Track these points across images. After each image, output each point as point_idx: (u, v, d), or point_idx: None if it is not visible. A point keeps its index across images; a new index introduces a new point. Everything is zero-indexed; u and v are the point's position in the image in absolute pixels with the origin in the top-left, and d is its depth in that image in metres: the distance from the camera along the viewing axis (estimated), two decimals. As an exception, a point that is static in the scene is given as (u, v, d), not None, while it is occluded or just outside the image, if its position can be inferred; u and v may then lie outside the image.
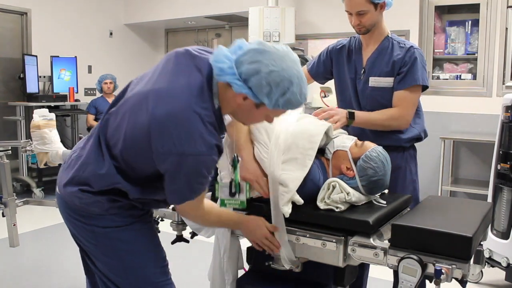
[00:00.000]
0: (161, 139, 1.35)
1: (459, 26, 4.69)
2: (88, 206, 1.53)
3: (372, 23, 2.19)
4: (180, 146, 1.34)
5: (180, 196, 1.47)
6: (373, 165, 1.76)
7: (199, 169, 1.41)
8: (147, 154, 1.40)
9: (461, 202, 2.04)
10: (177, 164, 1.38)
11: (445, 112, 4.68)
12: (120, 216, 1.56)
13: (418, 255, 1.47)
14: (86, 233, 1.57)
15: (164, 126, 1.35)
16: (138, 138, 1.40)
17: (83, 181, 1.51)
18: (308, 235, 1.70)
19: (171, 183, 1.44)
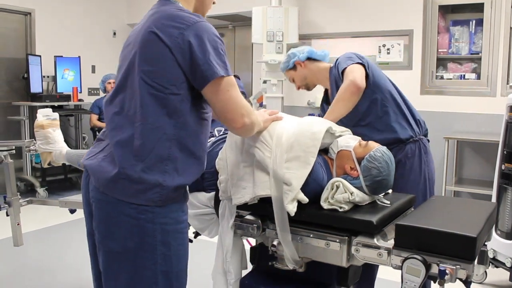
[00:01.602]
0: (170, 27, 1.40)
1: (463, 26, 4.68)
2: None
3: (302, 79, 2.46)
4: (185, 21, 1.40)
5: (217, 67, 1.41)
6: (377, 165, 1.75)
7: (210, 33, 1.42)
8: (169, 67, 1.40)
9: (465, 202, 2.03)
10: (192, 36, 1.39)
11: (449, 112, 4.67)
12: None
13: (422, 255, 1.46)
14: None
15: (163, 18, 1.43)
16: (153, 50, 1.41)
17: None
18: (312, 235, 1.70)
19: (199, 58, 1.39)
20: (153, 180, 1.42)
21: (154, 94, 1.41)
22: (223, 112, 1.47)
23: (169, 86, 1.41)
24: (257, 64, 5.66)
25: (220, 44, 1.44)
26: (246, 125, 1.50)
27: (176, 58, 1.40)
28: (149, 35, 1.43)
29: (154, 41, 1.41)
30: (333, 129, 1.90)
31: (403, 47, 4.92)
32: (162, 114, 1.42)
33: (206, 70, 1.40)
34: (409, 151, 2.32)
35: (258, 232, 1.82)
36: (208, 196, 1.98)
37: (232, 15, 6.19)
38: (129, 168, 1.42)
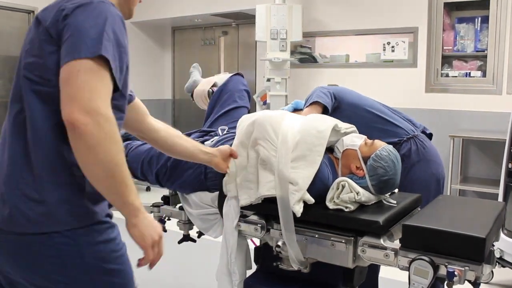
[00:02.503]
0: (49, 11, 1.15)
1: (469, 23, 4.63)
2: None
3: None
4: (72, 3, 1.12)
5: (87, 45, 1.08)
6: (384, 164, 1.73)
7: (98, 14, 1.11)
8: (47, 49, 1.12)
9: (473, 202, 2.01)
10: (74, 13, 1.11)
11: (454, 110, 4.62)
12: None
13: (430, 256, 1.44)
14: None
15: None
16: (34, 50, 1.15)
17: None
18: (317, 236, 1.68)
19: (73, 35, 1.09)
20: (57, 196, 1.12)
21: (37, 90, 1.14)
22: (63, 95, 1.09)
23: (51, 77, 1.12)
24: (260, 62, 5.63)
25: (116, 25, 1.14)
26: (78, 124, 1.06)
27: (53, 38, 1.12)
28: (33, 21, 1.20)
29: (34, 25, 1.18)
30: (338, 126, 1.87)
31: (407, 45, 4.88)
32: (50, 113, 1.13)
33: (76, 44, 1.09)
34: (405, 149, 2.28)
35: (263, 232, 1.80)
36: (211, 196, 1.96)
37: (235, 13, 6.16)
38: (25, 188, 1.12)
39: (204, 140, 2.10)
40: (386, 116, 2.34)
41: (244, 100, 2.38)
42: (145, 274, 1.38)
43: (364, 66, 5.13)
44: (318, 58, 5.49)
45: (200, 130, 2.24)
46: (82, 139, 1.04)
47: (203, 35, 7.18)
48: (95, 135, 1.04)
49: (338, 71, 5.29)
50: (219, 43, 7.05)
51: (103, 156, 1.06)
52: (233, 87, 2.39)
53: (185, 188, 2.03)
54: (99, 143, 1.05)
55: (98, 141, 1.05)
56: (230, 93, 2.37)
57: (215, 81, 2.48)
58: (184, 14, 6.38)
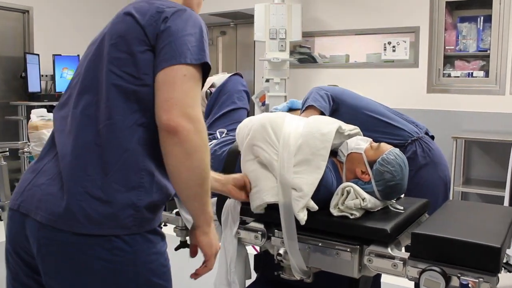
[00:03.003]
0: (144, 11, 1.15)
1: (471, 22, 4.56)
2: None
3: None
4: (169, 5, 1.15)
5: (191, 51, 1.10)
6: (391, 169, 1.64)
7: (196, 21, 1.16)
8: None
9: (483, 208, 1.92)
10: (175, 19, 1.13)
11: (456, 111, 4.55)
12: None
13: (441, 267, 1.35)
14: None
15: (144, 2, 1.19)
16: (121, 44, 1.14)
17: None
18: (321, 244, 1.59)
19: (173, 38, 1.11)
20: (124, 199, 1.08)
21: (122, 87, 1.12)
22: (159, 103, 1.11)
23: (141, 75, 1.12)
24: (259, 62, 5.55)
25: (204, 33, 1.17)
26: (184, 130, 1.07)
27: (148, 38, 1.12)
28: (122, 16, 1.19)
29: (127, 21, 1.16)
30: (342, 128, 1.79)
31: (409, 45, 4.81)
32: (133, 112, 1.12)
33: (175, 50, 1.10)
34: (410, 152, 2.20)
35: (263, 240, 1.72)
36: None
37: (234, 13, 6.09)
38: (90, 186, 1.08)
39: (202, 143, 2.01)
40: (387, 119, 2.26)
41: (243, 101, 2.29)
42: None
43: (364, 66, 5.06)
44: (318, 58, 5.42)
45: (197, 132, 2.15)
46: (183, 145, 1.05)
47: (201, 35, 7.10)
48: (194, 142, 1.06)
49: (338, 72, 5.21)
50: (217, 43, 6.97)
51: (198, 164, 1.08)
52: (232, 88, 2.30)
53: (181, 193, 1.94)
54: (197, 150, 1.07)
55: (196, 148, 1.06)
56: (228, 94, 2.28)
57: (213, 81, 2.40)
58: (181, 14, 6.30)
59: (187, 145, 1.05)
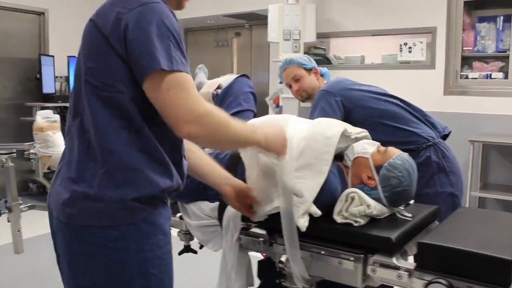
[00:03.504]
0: (109, 12, 1.17)
1: (490, 22, 4.43)
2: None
3: (310, 86, 2.35)
4: (125, 8, 1.16)
5: (151, 60, 1.13)
6: (398, 174, 1.57)
7: (157, 19, 1.14)
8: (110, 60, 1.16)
9: (497, 216, 1.83)
10: (132, 22, 1.14)
11: (474, 114, 4.42)
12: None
13: (448, 279, 1.28)
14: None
15: (107, 4, 1.22)
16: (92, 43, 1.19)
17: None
18: (324, 252, 1.53)
19: (136, 48, 1.13)
20: (114, 196, 1.18)
21: (100, 95, 1.18)
22: (163, 116, 1.17)
23: (114, 83, 1.17)
24: (273, 63, 5.50)
25: (171, 31, 1.16)
26: (193, 134, 1.17)
27: (115, 48, 1.15)
28: (88, 24, 1.22)
29: (92, 31, 1.19)
30: (348, 131, 1.72)
31: (425, 46, 4.70)
32: (114, 117, 1.18)
33: (143, 62, 1.13)
34: (423, 157, 2.12)
35: (265, 246, 1.67)
36: (211, 206, 1.83)
37: (248, 14, 6.05)
38: (86, 187, 1.19)
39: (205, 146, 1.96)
40: (400, 123, 2.18)
41: (249, 103, 2.23)
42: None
43: (380, 67, 4.97)
44: (333, 60, 5.34)
45: (201, 135, 2.10)
46: (204, 141, 1.28)
47: (215, 36, 7.08)
48: (210, 133, 1.19)
49: (353, 73, 5.10)
50: (232, 44, 6.94)
51: (225, 138, 1.25)
52: (238, 89, 2.25)
53: (183, 197, 1.90)
54: (215, 134, 1.21)
55: (214, 134, 1.21)
56: (234, 95, 2.23)
57: (219, 82, 2.35)
58: (196, 15, 6.28)
59: (207, 139, 1.23)
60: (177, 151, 1.30)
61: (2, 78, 5.63)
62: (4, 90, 5.66)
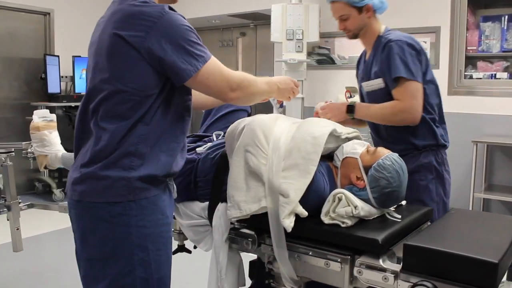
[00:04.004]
0: (134, 27, 1.33)
1: (494, 22, 4.38)
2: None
3: (358, 27, 2.13)
4: (149, 18, 1.32)
5: (189, 65, 1.36)
6: (386, 175, 1.55)
7: (178, 25, 1.35)
8: (132, 62, 1.34)
9: (489, 218, 1.81)
10: (159, 35, 1.32)
11: (478, 114, 4.38)
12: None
13: (433, 281, 1.26)
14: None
15: (127, 15, 1.35)
16: (122, 55, 1.35)
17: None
18: (311, 253, 1.52)
19: (172, 59, 1.34)
20: (118, 174, 1.35)
21: (127, 98, 1.35)
22: (210, 95, 1.49)
23: (144, 88, 1.35)
24: (277, 63, 5.48)
25: (191, 32, 1.37)
26: (237, 98, 1.48)
27: (146, 59, 1.33)
28: (114, 38, 1.35)
29: (122, 45, 1.33)
30: (338, 131, 1.70)
31: (429, 45, 4.65)
32: (128, 111, 1.36)
33: (178, 73, 1.35)
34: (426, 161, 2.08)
35: (254, 246, 1.66)
36: (201, 206, 1.82)
37: (253, 14, 6.04)
38: (93, 168, 1.36)
39: (197, 146, 1.95)
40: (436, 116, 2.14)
41: (243, 102, 2.23)
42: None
43: (383, 67, 4.93)
44: (337, 60, 5.32)
45: (193, 134, 2.10)
46: (244, 101, 1.56)
47: (221, 36, 7.08)
48: (247, 95, 1.51)
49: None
50: (237, 44, 6.94)
51: (255, 96, 1.58)
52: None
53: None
54: (250, 93, 1.53)
55: (249, 94, 1.53)
56: (229, 95, 2.22)
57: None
58: (201, 15, 6.29)
59: (245, 99, 1.54)
60: (178, 141, 1.47)
61: (7, 78, 5.67)
62: (9, 90, 5.70)
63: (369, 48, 2.19)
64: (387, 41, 2.05)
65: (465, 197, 4.13)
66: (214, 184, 1.76)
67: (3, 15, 5.54)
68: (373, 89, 2.11)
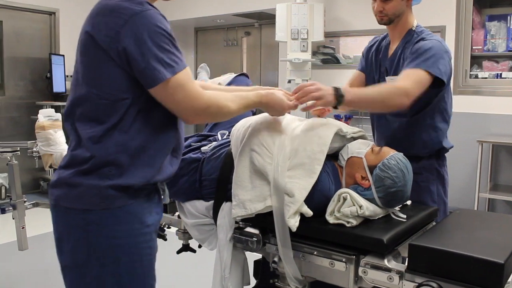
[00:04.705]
0: (104, 25, 1.24)
1: (500, 21, 4.36)
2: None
3: (396, 12, 2.02)
4: (122, 16, 1.23)
5: (158, 72, 1.24)
6: (391, 175, 1.55)
7: (152, 27, 1.24)
8: (103, 62, 1.26)
9: (495, 218, 1.80)
10: (129, 35, 1.22)
11: (483, 114, 4.36)
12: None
13: (439, 282, 1.26)
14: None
15: (102, 10, 1.27)
16: (90, 55, 1.27)
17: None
18: (316, 253, 1.52)
19: (139, 62, 1.24)
20: (90, 183, 1.28)
21: (98, 101, 1.28)
22: (174, 113, 1.34)
23: (114, 92, 1.27)
24: (282, 63, 5.48)
25: (164, 37, 1.26)
26: (200, 122, 1.49)
27: (115, 61, 1.25)
28: (85, 36, 1.28)
29: (91, 44, 1.26)
30: (343, 131, 1.70)
31: (435, 45, 4.64)
32: (102, 115, 1.29)
33: (147, 76, 1.24)
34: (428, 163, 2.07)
35: (258, 246, 1.66)
36: (206, 205, 1.82)
37: (257, 13, 6.04)
38: (68, 173, 1.30)
39: (202, 145, 1.96)
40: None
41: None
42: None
43: (388, 67, 4.91)
44: (341, 59, 5.31)
45: (198, 134, 2.10)
46: (212, 122, 1.75)
47: (225, 35, 7.08)
48: (215, 118, 1.59)
49: (361, 72, 5.08)
50: (242, 43, 6.94)
51: (227, 116, 1.47)
52: (237, 88, 2.24)
53: (179, 196, 1.89)
54: (219, 117, 1.49)
55: (218, 117, 1.51)
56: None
57: (219, 81, 2.35)
58: (206, 14, 6.29)
59: (214, 121, 1.65)
60: (164, 153, 1.38)
61: (13, 77, 5.70)
62: (15, 89, 5.73)
63: (397, 40, 2.09)
64: (421, 38, 1.98)
65: (470, 197, 4.11)
66: (219, 183, 1.76)
67: (9, 14, 5.57)
68: None
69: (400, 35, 2.07)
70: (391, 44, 2.14)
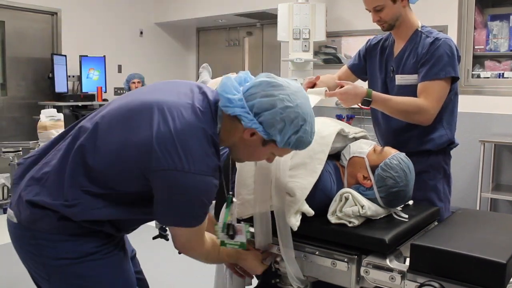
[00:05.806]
0: (164, 155, 1.20)
1: (502, 20, 4.35)
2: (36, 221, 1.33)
3: (393, 17, 2.02)
4: (182, 163, 1.20)
5: (177, 219, 1.29)
6: (393, 174, 1.55)
7: (199, 191, 1.24)
8: (136, 171, 1.24)
9: (497, 218, 1.80)
10: (175, 182, 1.21)
11: (485, 113, 4.35)
12: (76, 245, 1.33)
13: (440, 282, 1.26)
14: (37, 266, 1.36)
15: (169, 141, 1.20)
16: (131, 153, 1.24)
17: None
18: (317, 253, 1.51)
19: (166, 204, 1.26)
20: (47, 206, 1.28)
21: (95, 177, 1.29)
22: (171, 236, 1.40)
23: (120, 190, 1.29)
24: (284, 63, 5.48)
25: (205, 203, 1.31)
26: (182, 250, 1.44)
27: (145, 177, 1.24)
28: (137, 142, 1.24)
29: (133, 154, 1.24)
30: (345, 131, 1.70)
31: (436, 44, 4.63)
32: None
33: (157, 214, 1.30)
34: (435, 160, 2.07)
35: (260, 246, 1.65)
36: (208, 205, 1.82)
37: (259, 13, 6.04)
38: (28, 192, 1.31)
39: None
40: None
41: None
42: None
43: (390, 66, 4.91)
44: (343, 59, 5.31)
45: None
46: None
47: (227, 35, 7.09)
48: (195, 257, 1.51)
49: (363, 72, 5.08)
50: (244, 43, 6.94)
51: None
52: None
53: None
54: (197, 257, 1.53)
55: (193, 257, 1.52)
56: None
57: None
58: (208, 14, 6.30)
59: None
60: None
61: (15, 77, 5.71)
62: (17, 89, 5.74)
63: (402, 40, 2.09)
64: (434, 38, 1.98)
65: (473, 197, 4.11)
66: (221, 183, 1.76)
67: (11, 15, 5.58)
68: (408, 83, 2.02)
69: (406, 36, 2.07)
70: (396, 44, 2.13)
